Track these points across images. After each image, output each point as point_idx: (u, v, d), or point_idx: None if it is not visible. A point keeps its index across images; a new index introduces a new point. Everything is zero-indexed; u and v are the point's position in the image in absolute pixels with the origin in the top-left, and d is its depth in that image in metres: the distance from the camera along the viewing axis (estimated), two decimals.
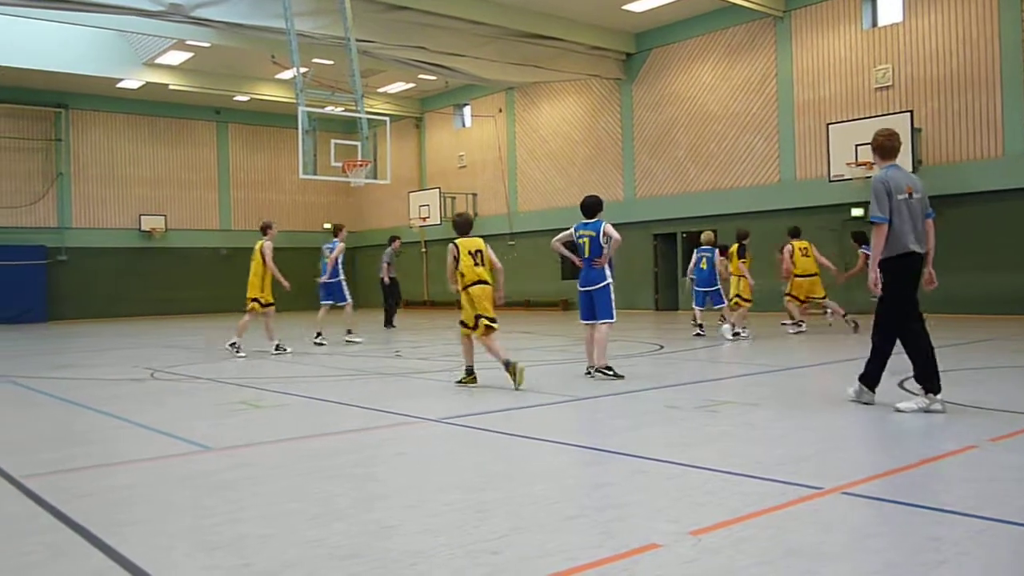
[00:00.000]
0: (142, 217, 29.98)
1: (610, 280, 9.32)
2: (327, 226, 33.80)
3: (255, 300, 12.92)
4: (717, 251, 14.66)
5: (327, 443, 6.01)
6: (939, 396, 6.26)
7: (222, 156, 32.25)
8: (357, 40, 18.11)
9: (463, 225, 9.06)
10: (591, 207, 9.28)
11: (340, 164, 17.97)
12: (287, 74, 25.57)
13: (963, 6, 17.74)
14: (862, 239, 15.21)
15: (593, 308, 9.23)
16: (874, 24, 19.41)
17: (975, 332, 13.75)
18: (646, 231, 24.17)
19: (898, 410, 6.29)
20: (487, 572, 3.15)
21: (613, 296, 9.36)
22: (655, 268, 24.13)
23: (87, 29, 21.56)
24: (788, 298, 14.99)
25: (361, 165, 17.87)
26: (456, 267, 8.68)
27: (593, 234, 9.14)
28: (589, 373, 9.16)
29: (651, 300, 24.21)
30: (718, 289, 14.48)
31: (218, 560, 3.40)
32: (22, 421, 7.38)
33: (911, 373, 6.68)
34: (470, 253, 8.72)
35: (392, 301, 19.55)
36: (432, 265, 30.57)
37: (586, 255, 9.20)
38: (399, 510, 4.10)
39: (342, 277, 15.32)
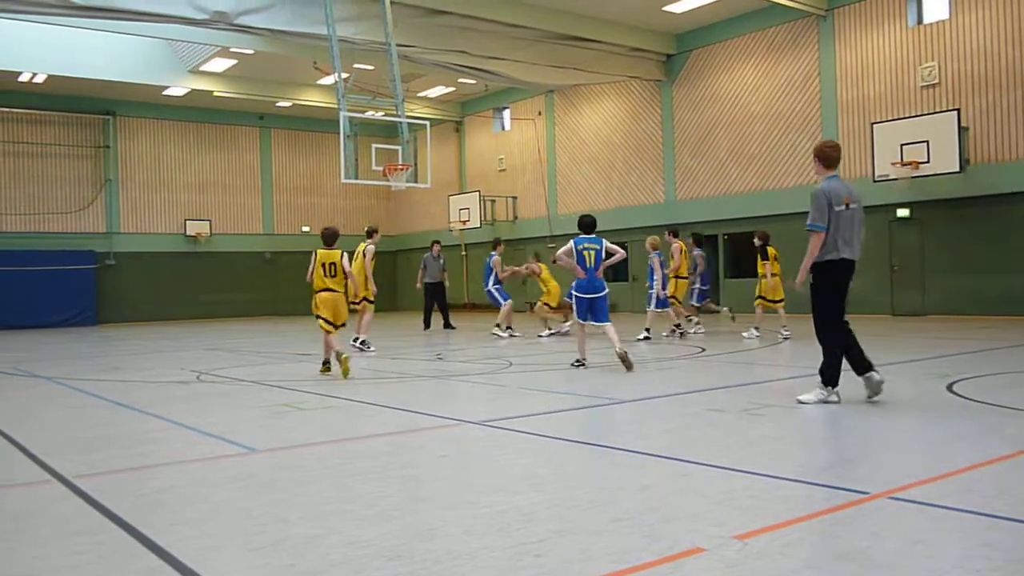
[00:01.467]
0: (187, 222, 30.48)
1: (608, 289, 10.36)
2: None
3: (364, 299, 13.71)
4: (655, 255, 14.94)
5: (370, 445, 6.05)
6: (836, 388, 6.84)
7: (265, 161, 32.67)
8: (398, 45, 18.24)
9: (327, 237, 10.64)
10: (591, 225, 10.37)
11: (381, 168, 18.10)
12: (329, 80, 25.82)
13: (1011, 2, 17.38)
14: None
15: (592, 311, 10.24)
16: (919, 21, 19.09)
17: None
18: (687, 233, 23.97)
19: (800, 402, 6.87)
20: (531, 575, 3.15)
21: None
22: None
23: (134, 38, 22.01)
24: (762, 302, 14.48)
25: (402, 169, 17.99)
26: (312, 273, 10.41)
27: (597, 247, 10.19)
28: (580, 365, 10.28)
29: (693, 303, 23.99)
30: (651, 295, 14.91)
31: (264, 560, 3.44)
32: (73, 422, 7.54)
33: (957, 376, 6.56)
34: (323, 264, 10.39)
35: (433, 304, 19.58)
36: (472, 268, 30.66)
37: (590, 265, 10.14)
38: (442, 512, 4.11)
39: (489, 287, 16.34)
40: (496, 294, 17.24)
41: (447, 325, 19.36)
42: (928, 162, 17.56)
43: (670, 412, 7.06)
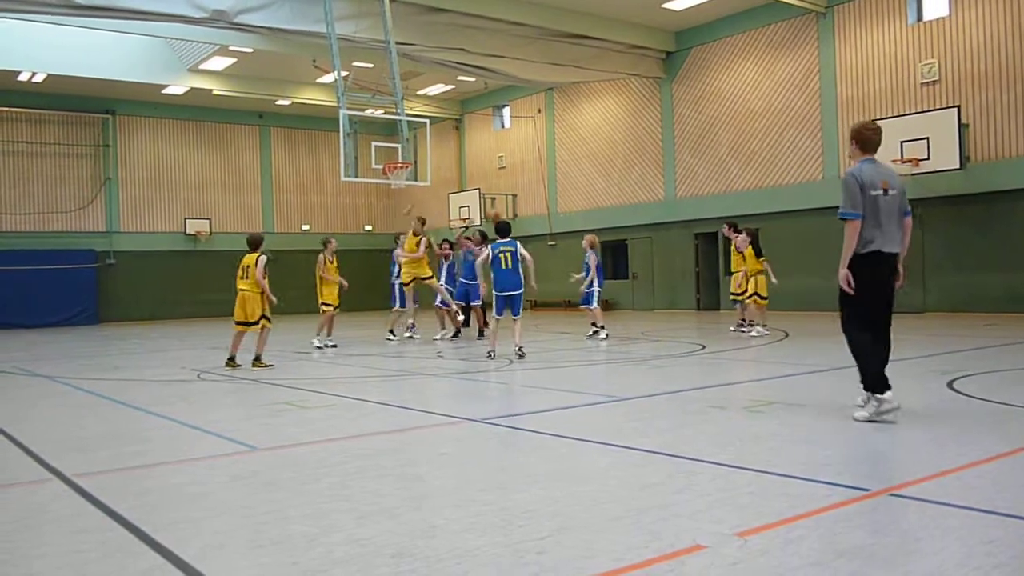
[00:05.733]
0: (187, 221, 30.46)
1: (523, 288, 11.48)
2: (368, 228, 34.13)
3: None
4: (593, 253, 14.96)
5: (371, 443, 6.05)
6: (884, 395, 5.95)
7: (265, 159, 32.65)
8: (397, 43, 18.23)
9: (251, 243, 11.70)
10: (506, 230, 11.70)
11: (381, 166, 18.09)
12: (328, 78, 25.80)
13: None
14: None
15: (509, 306, 11.46)
16: (919, 18, 19.07)
17: None
18: (687, 230, 24.02)
19: (855, 419, 6.04)
20: (532, 572, 3.15)
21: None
22: (696, 268, 23.96)
23: (133, 37, 21.98)
24: (755, 299, 14.36)
25: (402, 167, 17.98)
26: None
27: (512, 250, 11.45)
28: (491, 356, 11.29)
29: (693, 300, 24.05)
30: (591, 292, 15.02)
31: (266, 558, 3.44)
32: (74, 421, 7.54)
33: (958, 373, 6.55)
34: (241, 267, 11.47)
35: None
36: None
37: (506, 267, 11.35)
38: (444, 509, 4.11)
39: (393, 280, 15.79)
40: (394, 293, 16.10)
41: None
42: (928, 159, 17.55)
43: (671, 409, 7.06)
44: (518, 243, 11.57)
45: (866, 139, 6.24)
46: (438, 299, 15.65)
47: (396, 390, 9.23)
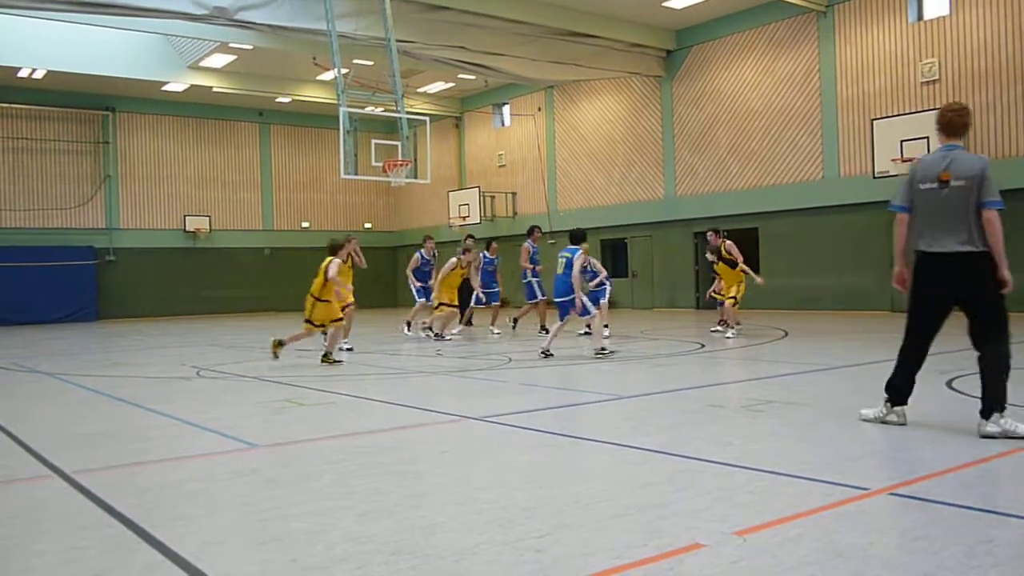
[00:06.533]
0: (187, 218, 30.45)
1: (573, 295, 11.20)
2: (367, 226, 34.12)
3: (442, 304, 14.91)
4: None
5: (371, 440, 6.06)
6: (897, 407, 5.79)
7: (265, 157, 32.64)
8: (397, 41, 18.23)
9: (328, 248, 11.52)
10: (574, 238, 11.47)
11: (381, 164, 18.09)
12: (328, 75, 25.82)
13: None
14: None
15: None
16: (920, 17, 19.07)
17: None
18: (687, 229, 24.02)
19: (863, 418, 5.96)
20: (532, 570, 3.16)
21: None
22: (696, 266, 23.96)
23: (133, 34, 21.96)
24: (733, 302, 14.28)
25: (401, 165, 17.98)
26: None
27: (568, 256, 11.22)
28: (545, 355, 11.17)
29: (692, 299, 24.05)
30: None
31: (267, 555, 3.45)
32: (73, 418, 7.54)
33: (957, 372, 6.54)
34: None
35: (470, 300, 19.31)
36: None
37: (559, 271, 11.26)
38: (444, 507, 4.12)
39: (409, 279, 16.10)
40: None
41: (466, 322, 19.11)
42: None
43: (670, 408, 7.07)
44: (578, 252, 11.21)
45: (946, 121, 5.63)
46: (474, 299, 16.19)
47: (396, 388, 9.24)
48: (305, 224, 32.99)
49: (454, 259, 15.23)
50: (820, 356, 10.81)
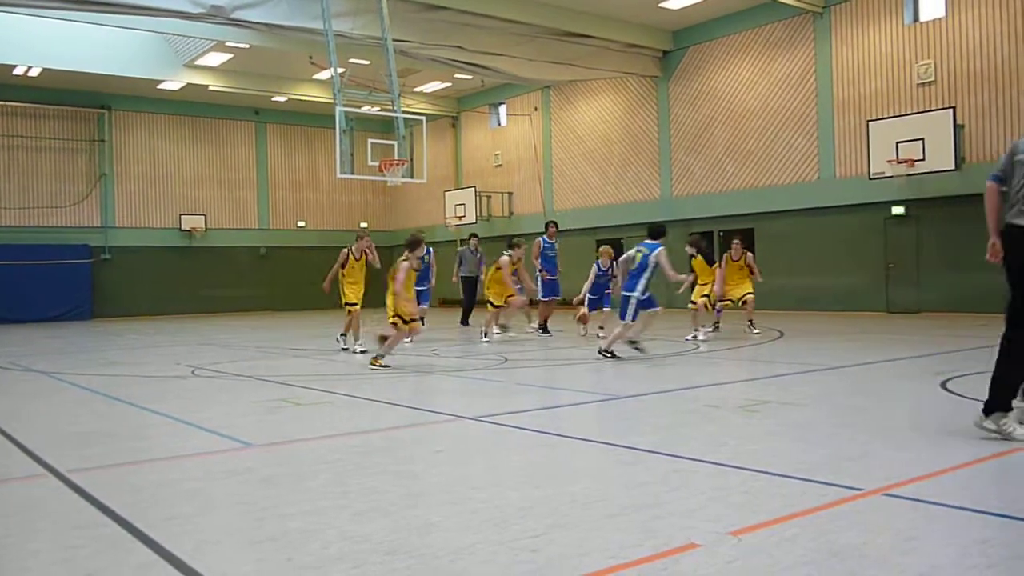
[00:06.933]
0: (183, 217, 30.39)
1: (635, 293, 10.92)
2: (363, 225, 34.08)
3: (497, 305, 14.70)
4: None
5: (366, 440, 6.05)
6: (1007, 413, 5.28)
7: (261, 156, 32.60)
8: (394, 40, 18.21)
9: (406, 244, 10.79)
10: (653, 232, 11.12)
11: (377, 163, 18.06)
12: (325, 74, 25.79)
13: (1007, 0, 17.39)
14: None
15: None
16: (916, 19, 19.10)
17: None
18: (683, 229, 23.99)
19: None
20: (527, 570, 3.16)
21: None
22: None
23: (129, 32, 21.90)
24: (706, 300, 14.38)
25: (398, 164, 17.95)
26: None
27: (645, 252, 10.85)
28: (609, 355, 10.70)
29: (689, 298, 24.00)
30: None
31: (262, 554, 3.44)
32: (68, 417, 7.52)
33: (952, 373, 6.54)
34: None
35: (467, 299, 19.15)
36: None
37: (631, 267, 10.96)
38: (440, 507, 4.12)
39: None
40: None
41: (464, 322, 19.02)
42: (924, 160, 17.58)
43: (666, 408, 7.08)
44: (659, 248, 10.81)
45: None
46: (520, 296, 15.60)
47: (392, 387, 9.23)
48: (301, 223, 32.94)
49: (505, 257, 14.90)
50: (815, 356, 10.82)
